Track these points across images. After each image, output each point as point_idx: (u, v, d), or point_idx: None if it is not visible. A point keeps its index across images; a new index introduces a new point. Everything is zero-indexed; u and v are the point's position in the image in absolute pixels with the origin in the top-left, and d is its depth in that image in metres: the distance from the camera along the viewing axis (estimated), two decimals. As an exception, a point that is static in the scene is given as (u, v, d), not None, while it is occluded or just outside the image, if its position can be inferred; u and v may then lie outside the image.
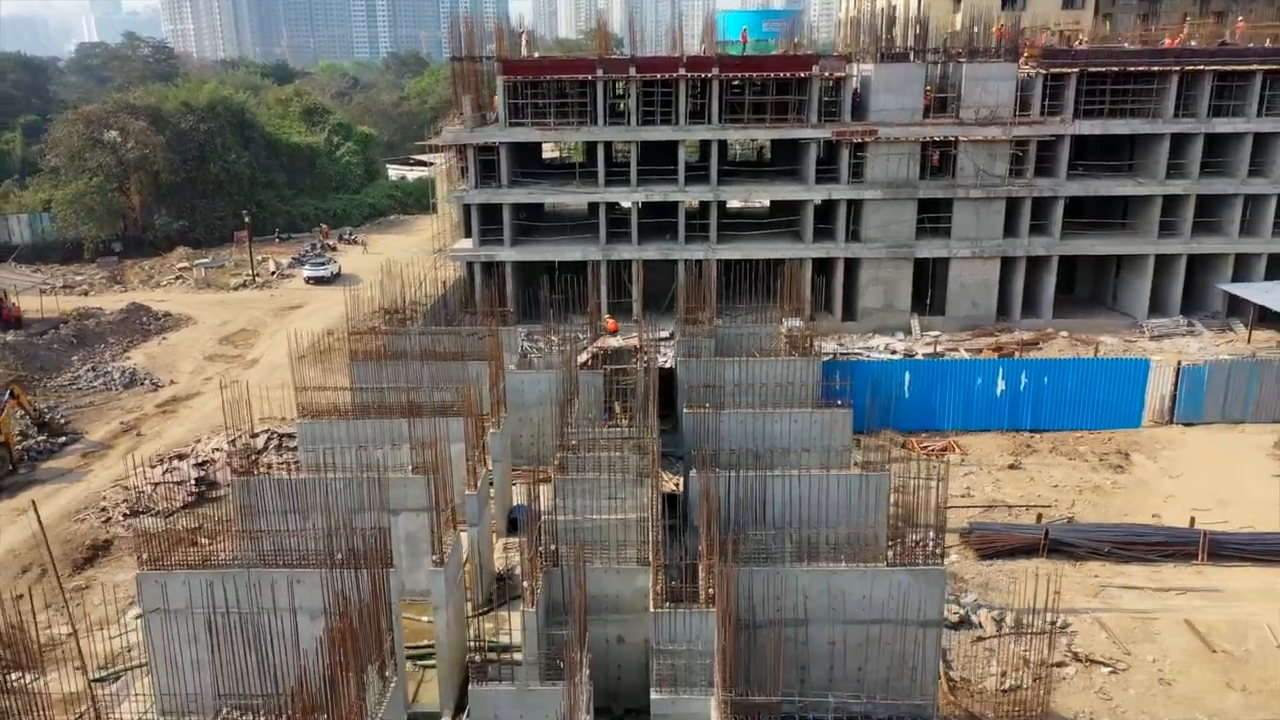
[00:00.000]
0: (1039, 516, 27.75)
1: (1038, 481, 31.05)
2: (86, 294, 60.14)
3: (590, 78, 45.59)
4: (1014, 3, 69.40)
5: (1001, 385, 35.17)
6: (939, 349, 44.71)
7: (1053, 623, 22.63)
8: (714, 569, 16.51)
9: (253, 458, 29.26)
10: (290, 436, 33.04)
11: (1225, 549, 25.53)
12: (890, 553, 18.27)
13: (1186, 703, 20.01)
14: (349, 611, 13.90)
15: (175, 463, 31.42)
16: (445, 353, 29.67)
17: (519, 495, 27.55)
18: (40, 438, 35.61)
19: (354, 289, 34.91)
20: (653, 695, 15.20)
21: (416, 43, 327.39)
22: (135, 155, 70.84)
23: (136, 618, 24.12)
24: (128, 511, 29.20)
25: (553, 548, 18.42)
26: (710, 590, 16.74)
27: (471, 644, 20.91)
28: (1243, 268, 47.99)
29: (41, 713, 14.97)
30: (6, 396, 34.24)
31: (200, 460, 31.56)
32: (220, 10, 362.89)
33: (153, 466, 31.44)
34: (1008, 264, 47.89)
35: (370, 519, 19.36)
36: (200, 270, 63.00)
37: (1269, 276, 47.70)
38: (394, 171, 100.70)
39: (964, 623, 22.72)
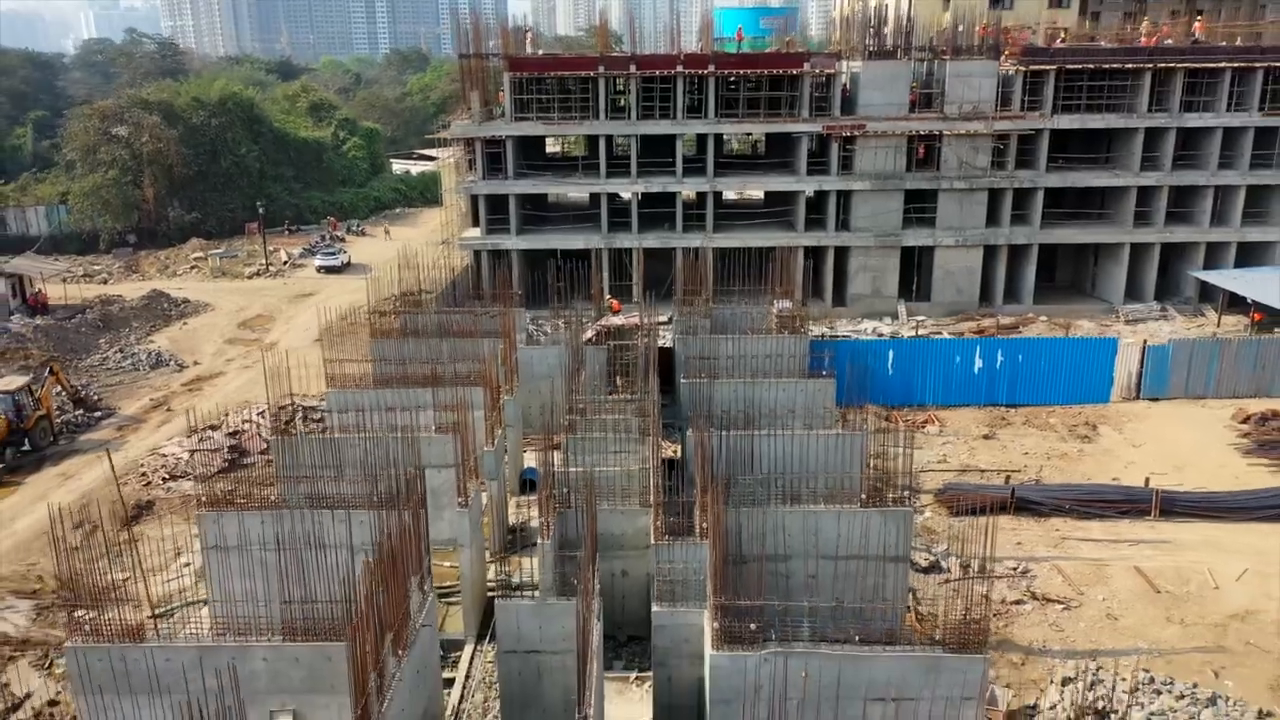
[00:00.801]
0: (1007, 479, 30.17)
1: (1010, 450, 33.45)
2: (105, 282, 62.44)
3: (593, 74, 47.93)
4: (1002, 1, 71.76)
5: (979, 363, 37.55)
6: (924, 333, 47.08)
7: (1014, 567, 25.11)
8: (708, 506, 18.86)
9: (285, 423, 31.63)
10: (314, 410, 35.36)
11: (1176, 506, 27.94)
12: (863, 497, 20.65)
13: (1130, 633, 22.39)
14: (391, 536, 16.22)
15: (208, 433, 33.75)
16: (461, 329, 31.97)
17: (530, 460, 29.94)
18: (77, 412, 37.91)
19: (374, 273, 36.99)
20: (654, 608, 17.53)
21: (415, 39, 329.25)
22: (149, 149, 73.02)
23: (185, 565, 26.59)
24: (166, 476, 31.55)
25: (565, 491, 20.76)
26: (704, 525, 19.08)
27: (491, 580, 23.36)
28: (1214, 255, 50.36)
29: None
30: (46, 373, 36.53)
31: (232, 430, 33.89)
32: (219, 7, 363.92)
33: (187, 436, 33.79)
34: (990, 252, 50.25)
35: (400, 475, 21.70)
36: (215, 260, 65.24)
37: (1239, 264, 50.08)
38: (398, 166, 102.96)
39: (934, 567, 25.12)
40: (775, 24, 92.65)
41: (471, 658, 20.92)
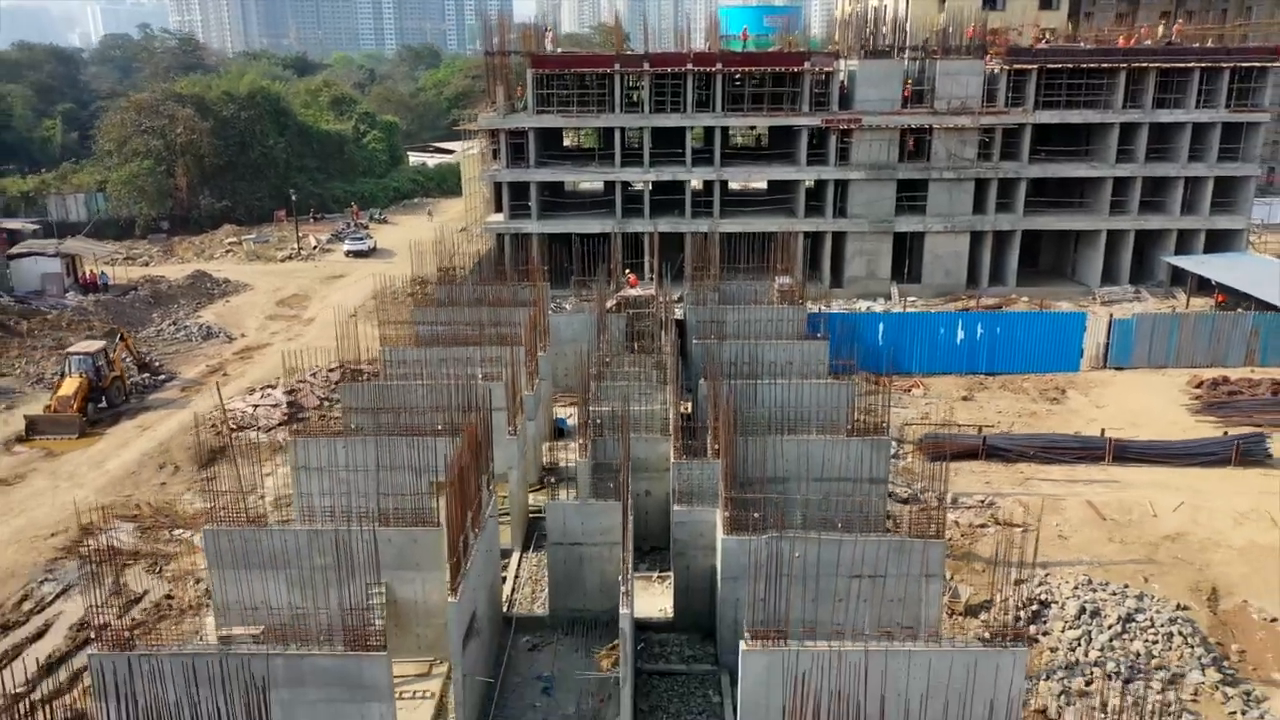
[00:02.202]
0: (979, 430, 34.04)
1: (985, 409, 37.33)
2: (147, 265, 66.32)
3: (609, 71, 51.80)
4: (994, 3, 75.56)
5: (961, 334, 41.42)
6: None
7: (981, 500, 29.01)
8: (719, 432, 22.72)
9: (336, 382, 35.55)
10: (360, 372, 39.23)
11: (1127, 453, 31.82)
12: (849, 428, 24.54)
13: (1077, 550, 26.28)
14: (469, 436, 20.07)
15: (267, 391, 37.67)
16: (496, 299, 35.83)
17: (558, 411, 33.86)
18: (142, 376, 41.83)
19: (420, 249, 40.82)
20: (674, 508, 21.42)
21: (422, 35, 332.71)
22: (183, 140, 76.90)
23: (260, 497, 30.49)
24: (234, 426, 35.48)
25: (598, 423, 24.66)
26: (715, 447, 22.96)
27: (532, 505, 27.34)
28: (1185, 242, 54.19)
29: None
30: (117, 339, 40.51)
31: (288, 389, 37.81)
32: (228, 2, 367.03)
33: (249, 394, 37.71)
34: (976, 238, 54.09)
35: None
36: (249, 244, 69.13)
37: (1207, 250, 53.90)
38: (414, 158, 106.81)
39: (912, 499, 28.98)
40: (778, 22, 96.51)
41: (519, 562, 24.86)
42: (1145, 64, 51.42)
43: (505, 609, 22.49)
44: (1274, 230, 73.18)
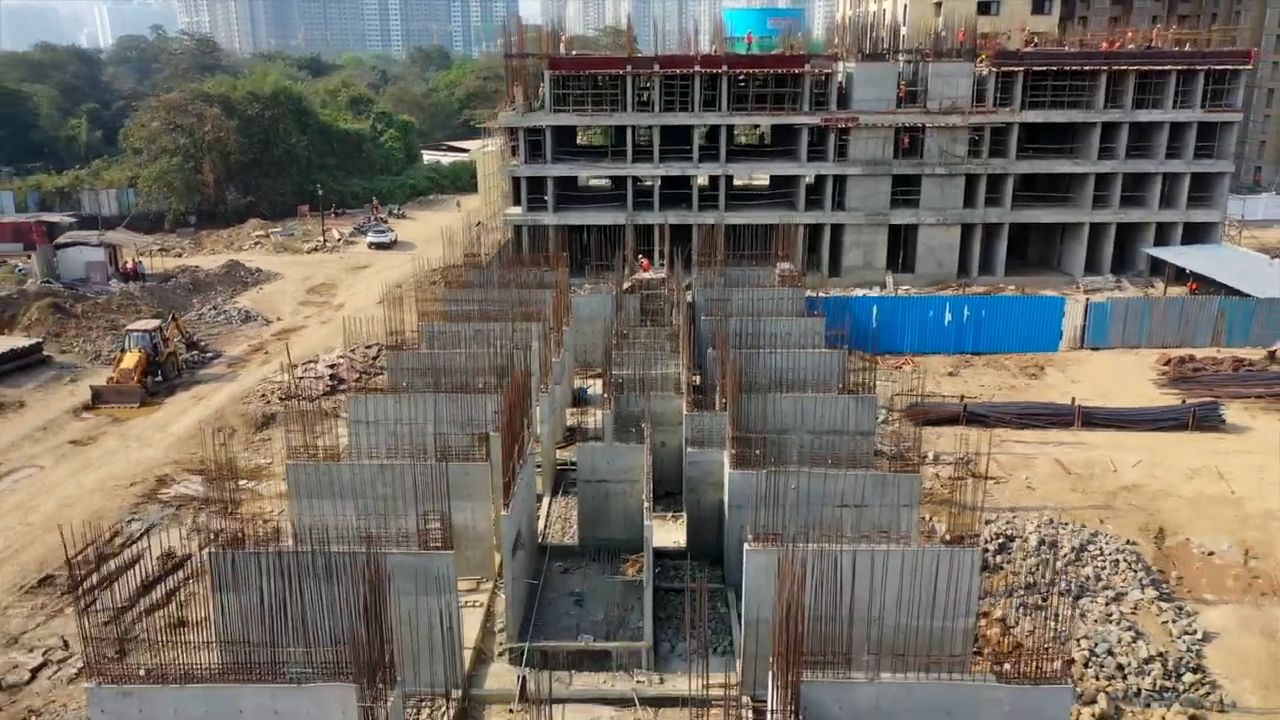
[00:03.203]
0: (962, 399, 37.34)
1: (969, 384, 40.66)
2: (179, 256, 69.79)
3: (621, 73, 55.18)
4: (988, 8, 79.00)
5: (948, 317, 44.73)
6: (907, 298, 54.21)
7: (960, 458, 32.31)
8: (726, 387, 26.06)
9: (374, 358, 38.95)
10: (394, 348, 42.59)
11: (1094, 419, 35.14)
12: (840, 387, 27.89)
13: (1042, 498, 29.58)
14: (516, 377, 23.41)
15: (310, 365, 41.06)
16: (522, 281, 39.20)
17: (579, 381, 37.23)
18: (191, 353, 45.24)
19: (452, 237, 44.20)
20: (686, 451, 24.76)
21: (428, 36, 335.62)
22: (210, 138, 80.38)
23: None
24: (282, 396, 38.89)
25: (619, 381, 28.00)
26: (723, 401, 26.29)
27: (558, 456, 30.69)
28: (1163, 234, 57.49)
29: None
30: (169, 319, 43.95)
31: (330, 363, 41.20)
32: (236, 4, 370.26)
33: (293, 368, 41.12)
34: (967, 230, 57.41)
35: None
36: (276, 237, 72.57)
37: (1185, 242, 57.17)
38: (428, 156, 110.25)
39: (898, 457, 32.23)
40: (782, 25, 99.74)
41: (549, 505, 28.23)
42: (1125, 67, 54.73)
43: (540, 539, 25.84)
44: (1261, 226, 76.79)
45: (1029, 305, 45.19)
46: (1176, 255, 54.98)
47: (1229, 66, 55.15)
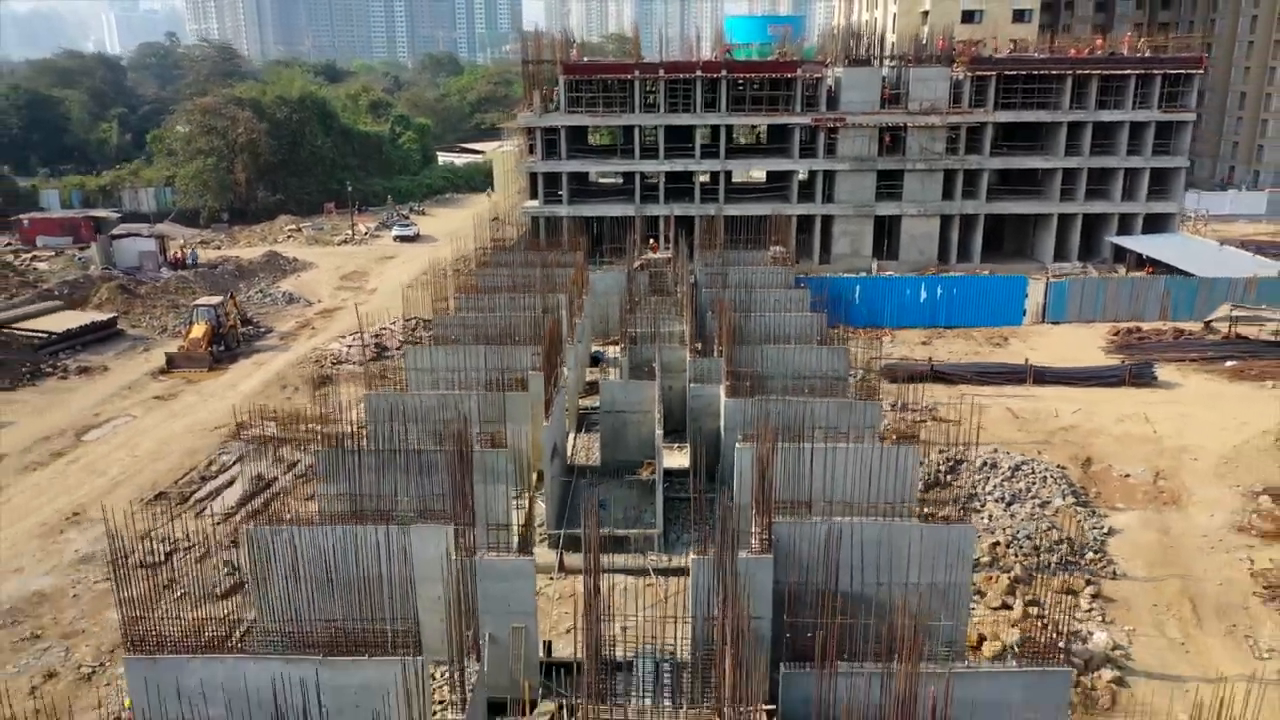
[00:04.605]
0: (930, 360, 42.64)
1: (939, 351, 45.94)
2: (219, 248, 75.24)
3: (629, 77, 60.58)
4: (973, 17, 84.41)
5: (924, 294, 50.05)
6: (890, 282, 59.43)
7: (925, 406, 37.63)
8: (724, 339, 31.34)
9: (412, 330, 44.31)
10: (429, 323, 47.99)
11: (1044, 376, 40.45)
12: (818, 339, 33.22)
13: (991, 436, 34.77)
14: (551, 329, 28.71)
15: (357, 335, 46.44)
16: (545, 261, 44.52)
17: (594, 347, 42.58)
18: (246, 328, 50.60)
19: (487, 218, 49.54)
20: (689, 387, 30.04)
21: (433, 43, 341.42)
22: (243, 140, 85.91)
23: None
24: (334, 360, 44.25)
25: (633, 334, 33.33)
26: (720, 349, 31.58)
27: (580, 404, 36.02)
28: (1126, 224, 62.78)
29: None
30: (228, 297, 49.36)
31: (375, 334, 46.57)
32: (245, 11, 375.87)
33: (341, 338, 46.50)
34: (946, 220, 62.71)
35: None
36: (308, 231, 78.04)
37: (1145, 231, 62.46)
38: (443, 158, 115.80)
39: (863, 384, 37.53)
40: (780, 31, 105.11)
41: (574, 439, 33.54)
42: (1088, 71, 60.10)
43: (568, 461, 31.16)
44: (1226, 220, 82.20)
45: (995, 284, 50.52)
46: (1136, 243, 60.28)
47: (1183, 71, 60.47)
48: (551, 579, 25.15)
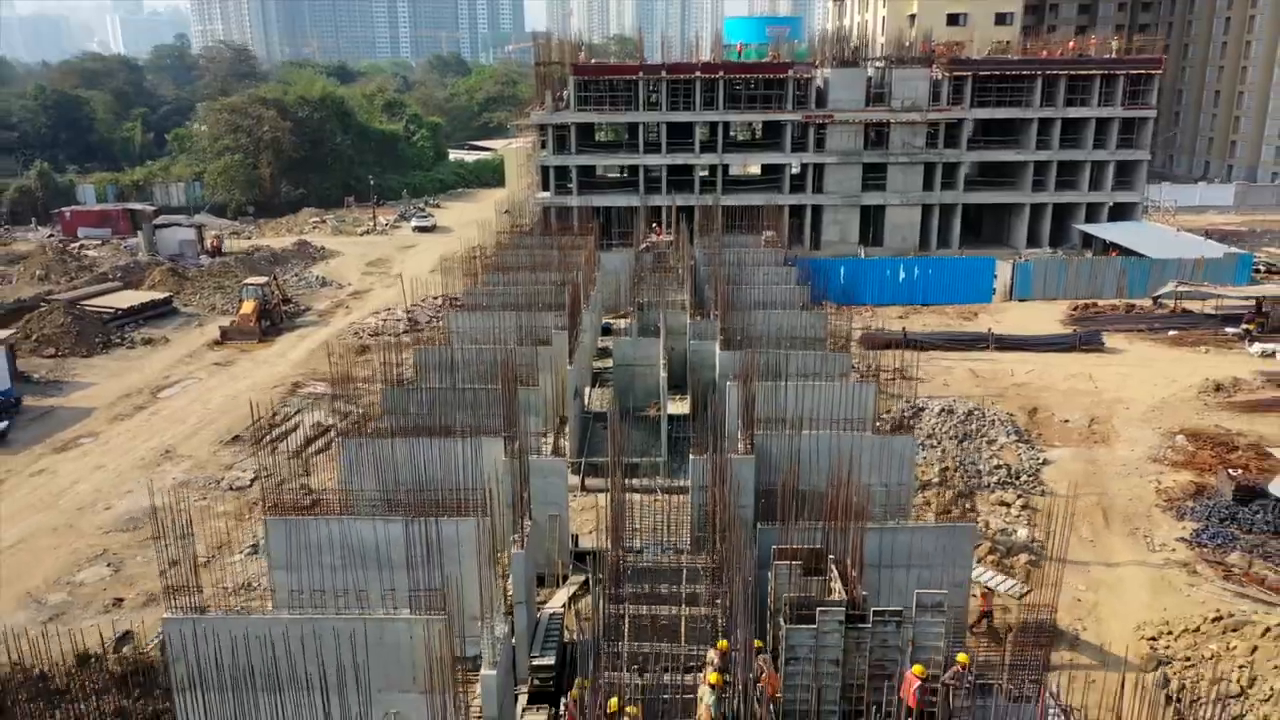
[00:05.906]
0: (903, 329, 47.77)
1: (914, 324, 51.05)
2: (250, 238, 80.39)
3: (634, 77, 65.71)
4: (958, 20, 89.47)
5: (902, 275, 55.16)
6: (874, 266, 64.50)
7: (896, 368, 42.74)
8: (720, 304, 36.45)
9: (440, 306, 49.51)
10: (456, 299, 53.15)
11: (1005, 342, 45.61)
12: (800, 306, 38.38)
13: (952, 391, 39.96)
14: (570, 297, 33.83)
15: (390, 311, 51.60)
16: (559, 244, 49.68)
17: (605, 318, 47.75)
18: (287, 307, 55.74)
19: (503, 208, 54.68)
20: (689, 344, 35.16)
21: (437, 43, 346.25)
22: (268, 137, 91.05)
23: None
24: (371, 333, 49.41)
25: (640, 303, 38.48)
26: (716, 314, 36.70)
27: (595, 362, 41.16)
28: (1093, 213, 67.89)
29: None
30: (271, 278, 54.54)
31: (407, 310, 51.76)
32: (249, 12, 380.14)
33: (375, 313, 51.66)
34: (927, 209, 67.81)
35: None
36: (332, 222, 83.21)
37: (1111, 219, 67.56)
38: (454, 155, 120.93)
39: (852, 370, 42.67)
40: (777, 32, 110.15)
41: (590, 392, 38.68)
42: (1057, 71, 65.21)
43: (584, 408, 36.29)
44: (1196, 211, 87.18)
45: (966, 265, 55.68)
46: (1101, 230, 65.40)
47: (1144, 70, 65.58)
48: (575, 496, 30.26)
